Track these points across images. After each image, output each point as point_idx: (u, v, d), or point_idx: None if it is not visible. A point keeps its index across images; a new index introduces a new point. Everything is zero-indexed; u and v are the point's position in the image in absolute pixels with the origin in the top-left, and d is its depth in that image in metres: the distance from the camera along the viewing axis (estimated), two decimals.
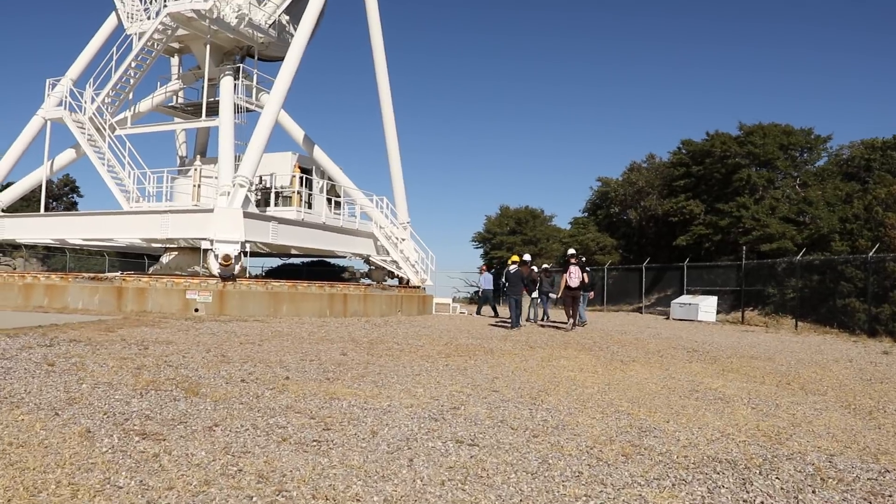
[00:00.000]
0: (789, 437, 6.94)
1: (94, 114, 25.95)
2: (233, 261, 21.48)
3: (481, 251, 51.52)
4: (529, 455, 5.83)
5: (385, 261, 29.39)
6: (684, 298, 30.65)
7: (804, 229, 28.69)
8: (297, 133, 31.11)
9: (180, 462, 5.19)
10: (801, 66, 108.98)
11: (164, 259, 27.94)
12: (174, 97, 29.59)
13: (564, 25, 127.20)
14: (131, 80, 27.11)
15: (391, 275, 30.05)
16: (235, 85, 25.98)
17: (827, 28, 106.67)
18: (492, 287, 29.49)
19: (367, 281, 31.01)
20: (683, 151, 36.17)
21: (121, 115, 28.85)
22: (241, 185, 22.52)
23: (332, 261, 36.62)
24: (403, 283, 28.87)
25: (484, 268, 30.18)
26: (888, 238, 24.34)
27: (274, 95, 24.41)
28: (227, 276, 21.57)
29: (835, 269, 25.24)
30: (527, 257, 25.64)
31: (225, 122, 24.92)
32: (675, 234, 35.28)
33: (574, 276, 19.64)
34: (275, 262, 43.77)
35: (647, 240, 40.00)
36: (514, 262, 21.49)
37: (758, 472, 5.64)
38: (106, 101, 26.12)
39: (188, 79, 29.58)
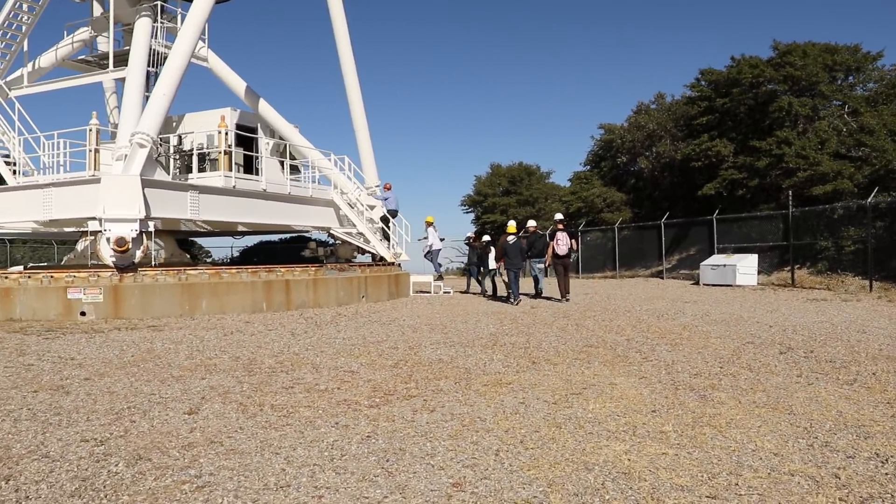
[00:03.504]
0: None
1: None
2: (130, 245, 16.12)
3: (472, 216, 46.05)
4: None
5: (350, 234, 23.90)
6: (716, 259, 25.20)
7: (863, 165, 23.12)
8: (238, 85, 25.43)
9: None
10: None
11: (80, 246, 22.39)
12: (86, 48, 23.85)
13: None
14: (23, 27, 21.63)
15: (361, 251, 24.60)
16: (154, 28, 20.43)
17: None
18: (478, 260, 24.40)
19: (334, 260, 25.57)
20: (703, 83, 30.37)
21: (15, 73, 23.42)
22: (141, 145, 17.03)
23: (316, 235, 30.39)
24: (377, 259, 23.40)
25: (471, 236, 24.71)
26: None
27: (188, 25, 18.76)
28: (123, 266, 16.21)
29: None
30: (531, 223, 21.35)
31: (134, 70, 19.42)
32: (698, 182, 29.73)
33: (562, 244, 18.33)
34: (253, 241, 38.23)
35: (661, 192, 34.45)
36: (511, 234, 18.80)
37: None
38: None
39: (100, 25, 23.69)
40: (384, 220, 24.00)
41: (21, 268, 21.70)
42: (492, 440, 5.41)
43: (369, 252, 24.09)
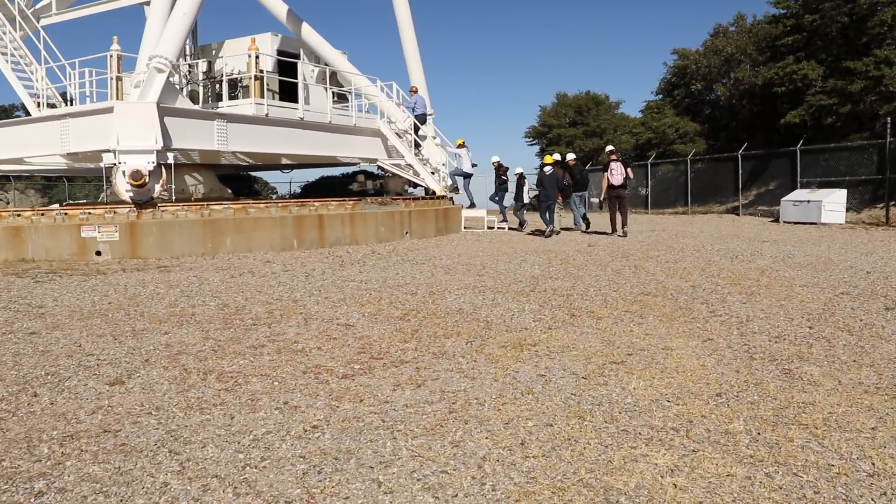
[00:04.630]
0: None
1: None
2: (146, 178, 14.87)
3: (537, 148, 43.80)
4: None
5: (398, 165, 22.30)
6: (799, 194, 22.71)
7: None
8: (279, 8, 23.65)
9: None
10: None
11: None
12: None
13: None
14: None
15: (413, 185, 23.01)
16: None
17: None
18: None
19: (383, 194, 24.10)
20: None
21: (44, 2, 22.41)
22: (159, 70, 15.66)
23: (371, 169, 28.22)
24: (429, 194, 21.75)
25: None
26: None
27: None
28: (141, 201, 15.06)
29: None
30: (570, 156, 20.66)
31: None
32: (781, 111, 26.93)
33: (616, 173, 17.17)
34: (314, 175, 36.86)
35: (739, 122, 31.64)
36: (548, 164, 18.38)
37: None
38: None
39: None
40: (415, 129, 22.10)
41: (58, 205, 20.91)
42: (481, 439, 3.82)
43: (421, 185, 22.50)
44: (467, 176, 22.64)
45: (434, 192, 21.47)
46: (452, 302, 8.19)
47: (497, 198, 23.61)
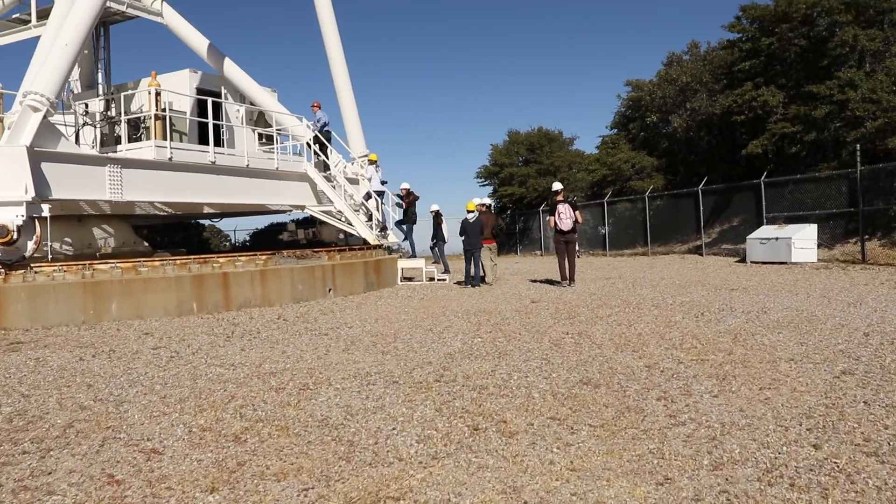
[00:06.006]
0: None
1: None
2: (13, 234, 12.60)
3: (490, 189, 41.94)
4: None
5: (328, 213, 20.20)
6: (765, 230, 20.95)
7: None
8: (199, 44, 21.50)
9: None
10: None
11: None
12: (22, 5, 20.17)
13: None
14: None
15: (348, 233, 20.90)
16: None
17: None
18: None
19: (307, 244, 21.88)
20: (745, 22, 25.62)
21: None
22: (35, 109, 13.46)
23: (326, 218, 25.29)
24: (363, 243, 19.59)
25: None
26: None
27: None
28: (10, 261, 12.77)
29: None
30: (486, 201, 18.75)
31: (55, 21, 15.78)
32: (741, 141, 25.34)
33: (565, 217, 15.45)
34: (264, 222, 34.32)
35: (698, 155, 30.05)
36: (471, 211, 17.00)
37: None
38: None
39: None
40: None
41: None
42: None
43: (353, 234, 20.37)
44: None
45: (366, 241, 19.37)
46: (322, 404, 6.00)
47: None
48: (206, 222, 34.83)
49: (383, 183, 21.01)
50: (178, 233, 32.17)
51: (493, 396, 6.00)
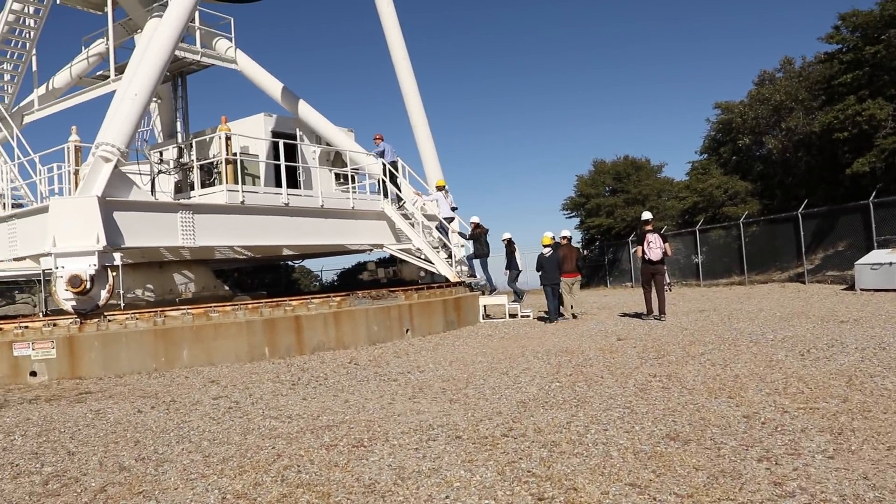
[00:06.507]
0: None
1: None
2: (87, 283, 12.62)
3: (577, 220, 40.86)
4: None
5: (407, 251, 19.76)
6: (876, 255, 19.34)
7: None
8: (273, 88, 21.81)
9: None
10: None
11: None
12: (105, 63, 20.87)
13: None
14: (30, 34, 19.34)
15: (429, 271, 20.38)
16: None
17: None
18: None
19: (391, 283, 21.50)
20: (844, 31, 24.07)
21: (28, 99, 21.08)
22: (106, 159, 13.58)
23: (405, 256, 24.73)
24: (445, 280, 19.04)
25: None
26: None
27: (173, 5, 15.30)
28: (85, 311, 12.76)
29: None
30: (565, 233, 17.98)
31: (130, 74, 16.17)
32: (844, 160, 23.67)
33: (655, 247, 14.72)
34: (351, 261, 34.18)
35: (795, 177, 28.33)
36: (547, 245, 16.57)
37: None
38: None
39: (119, 34, 20.67)
40: (391, 178, 19.49)
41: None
42: None
43: (433, 272, 19.83)
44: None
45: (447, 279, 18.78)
46: (374, 464, 5.37)
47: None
48: (295, 263, 35.06)
49: (454, 209, 20.44)
50: (268, 275, 32.47)
51: (564, 455, 5.24)
